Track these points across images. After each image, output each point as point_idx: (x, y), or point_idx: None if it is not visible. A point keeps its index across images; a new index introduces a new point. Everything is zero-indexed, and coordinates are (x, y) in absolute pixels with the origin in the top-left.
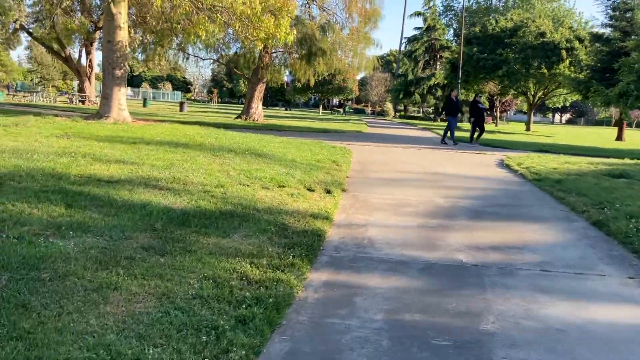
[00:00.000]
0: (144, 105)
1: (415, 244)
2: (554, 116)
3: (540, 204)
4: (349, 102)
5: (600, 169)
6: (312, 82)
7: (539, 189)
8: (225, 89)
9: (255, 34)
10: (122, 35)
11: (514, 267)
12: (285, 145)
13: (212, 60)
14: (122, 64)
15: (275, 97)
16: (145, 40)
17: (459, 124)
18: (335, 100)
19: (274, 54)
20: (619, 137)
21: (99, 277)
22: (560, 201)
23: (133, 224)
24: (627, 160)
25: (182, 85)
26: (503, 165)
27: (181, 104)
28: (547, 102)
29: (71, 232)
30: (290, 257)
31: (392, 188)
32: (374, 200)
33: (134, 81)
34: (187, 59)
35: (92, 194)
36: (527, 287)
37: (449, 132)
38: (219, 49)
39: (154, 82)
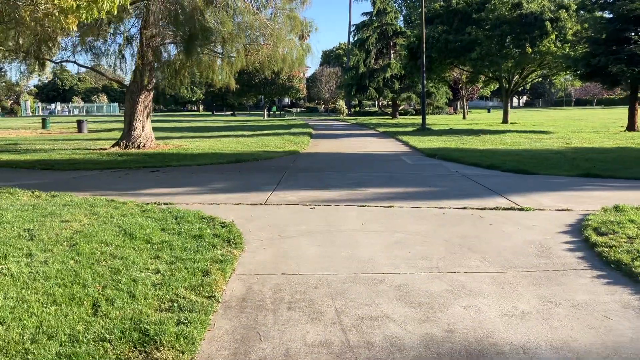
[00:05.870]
0: (44, 126)
1: None
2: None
3: None
4: (302, 101)
5: None
6: (232, 85)
7: None
8: (169, 96)
9: (57, 2)
10: None
11: None
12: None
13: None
14: None
15: (216, 102)
16: None
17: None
18: (287, 100)
19: (162, 46)
20: (631, 127)
21: None
22: None
23: None
24: None
25: (120, 96)
26: (608, 277)
27: (79, 122)
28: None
29: None
30: None
31: None
32: None
33: (66, 95)
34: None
35: None
36: None
37: None
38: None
39: (88, 95)
